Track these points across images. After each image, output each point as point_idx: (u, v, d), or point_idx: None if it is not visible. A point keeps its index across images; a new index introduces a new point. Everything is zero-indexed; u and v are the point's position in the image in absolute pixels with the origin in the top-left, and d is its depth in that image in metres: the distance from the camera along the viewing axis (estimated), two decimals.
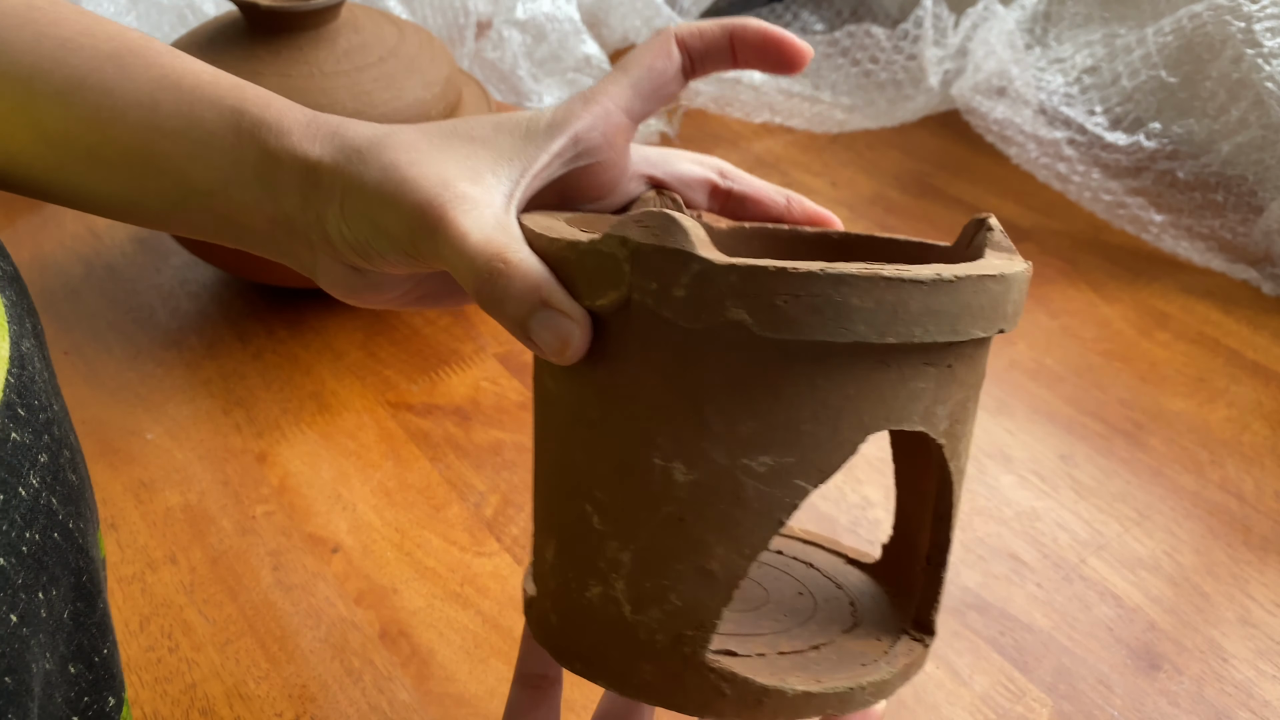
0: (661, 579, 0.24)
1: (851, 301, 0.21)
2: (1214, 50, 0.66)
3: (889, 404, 0.23)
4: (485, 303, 0.25)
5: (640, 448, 0.24)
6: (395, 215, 0.26)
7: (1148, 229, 0.66)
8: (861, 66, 0.82)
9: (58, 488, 0.24)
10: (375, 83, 0.56)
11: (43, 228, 0.71)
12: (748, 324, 0.21)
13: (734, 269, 0.21)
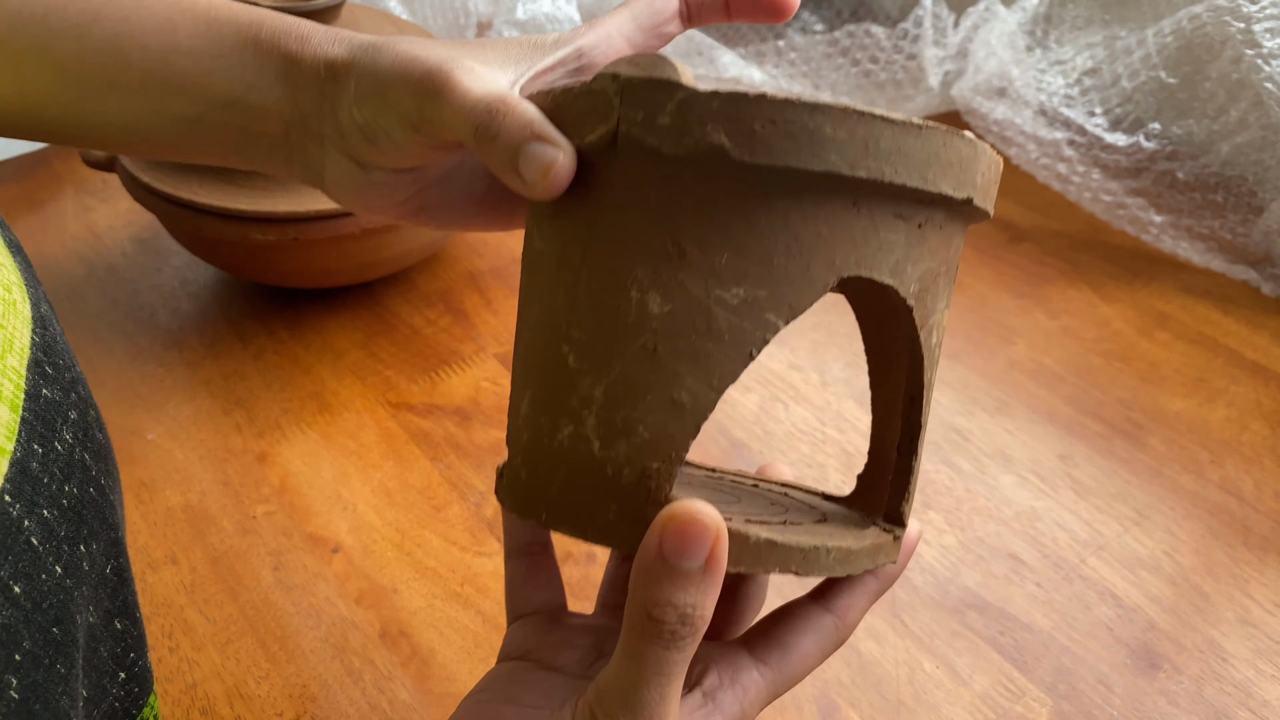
0: (632, 410, 0.25)
1: (825, 130, 0.22)
2: (1213, 51, 0.66)
3: (860, 249, 0.24)
4: (480, 143, 0.26)
5: (619, 281, 0.24)
6: (404, 86, 0.27)
7: (1147, 229, 0.66)
8: (861, 66, 0.82)
9: (88, 444, 0.25)
10: None
11: (43, 228, 0.71)
12: (727, 148, 0.22)
13: (716, 95, 0.22)
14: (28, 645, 0.21)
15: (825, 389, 0.57)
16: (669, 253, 0.24)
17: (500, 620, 0.44)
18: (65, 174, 0.77)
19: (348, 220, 0.55)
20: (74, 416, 0.24)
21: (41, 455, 0.22)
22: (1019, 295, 0.64)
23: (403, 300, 0.64)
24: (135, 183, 0.57)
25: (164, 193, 0.55)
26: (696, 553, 0.22)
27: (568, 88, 0.25)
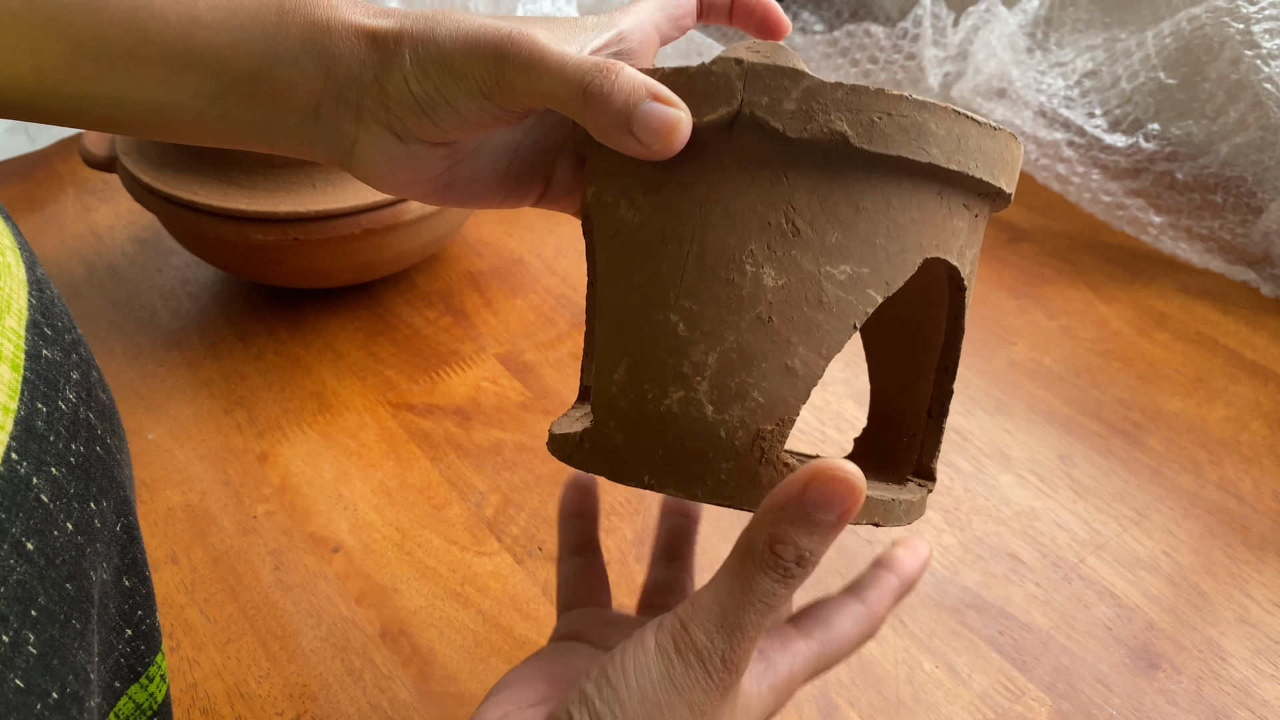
0: (746, 376, 0.26)
1: (930, 125, 0.25)
2: (1212, 52, 0.66)
3: (939, 234, 0.27)
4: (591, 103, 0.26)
5: (732, 256, 0.26)
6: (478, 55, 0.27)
7: (1147, 230, 0.66)
8: (861, 67, 0.82)
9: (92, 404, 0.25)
10: None
11: (44, 228, 0.71)
12: (847, 135, 0.24)
13: (840, 86, 0.24)
14: (43, 601, 0.21)
15: (825, 389, 0.57)
16: (784, 230, 0.26)
17: (500, 620, 0.45)
18: (66, 174, 0.77)
19: (348, 220, 0.55)
20: (76, 377, 0.24)
21: (46, 414, 0.23)
22: (1018, 295, 0.64)
23: (403, 300, 0.64)
24: (136, 183, 0.57)
25: (164, 193, 0.55)
26: (836, 507, 0.23)
27: (680, 68, 0.26)
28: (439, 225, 0.60)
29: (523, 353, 0.60)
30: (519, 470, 0.52)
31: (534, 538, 0.48)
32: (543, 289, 0.65)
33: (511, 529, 0.49)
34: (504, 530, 0.49)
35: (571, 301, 0.64)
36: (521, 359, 0.59)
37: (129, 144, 0.59)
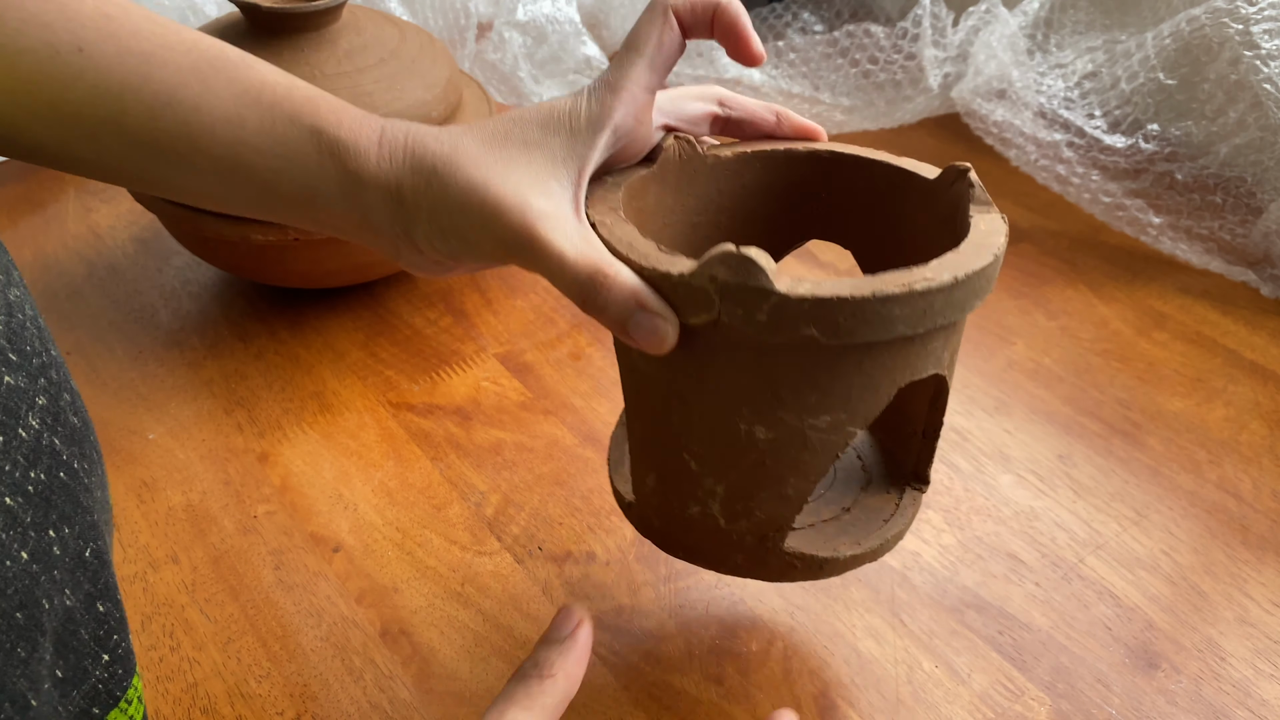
0: (749, 502, 0.32)
1: (894, 312, 0.27)
2: (1212, 53, 0.66)
3: (915, 365, 0.30)
4: (587, 307, 0.30)
5: (728, 417, 0.31)
6: (488, 237, 0.31)
7: (1146, 231, 0.66)
8: (861, 67, 0.82)
9: (59, 429, 0.25)
10: (376, 84, 0.56)
11: (44, 228, 0.71)
12: (816, 337, 0.28)
13: (805, 300, 0.27)
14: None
15: None
16: (768, 398, 0.30)
17: (501, 619, 0.45)
18: (67, 174, 0.77)
19: None
20: (42, 402, 0.24)
21: (2, 444, 0.23)
22: (1017, 295, 0.64)
23: (404, 300, 0.64)
24: None
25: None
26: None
27: (666, 274, 0.29)
28: None
29: (523, 353, 0.60)
30: (519, 470, 0.52)
31: (534, 537, 0.48)
32: (543, 289, 0.65)
33: (512, 529, 0.49)
34: (504, 530, 0.49)
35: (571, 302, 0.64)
36: (522, 359, 0.59)
37: None
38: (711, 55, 0.82)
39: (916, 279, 0.27)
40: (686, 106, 0.36)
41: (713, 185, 0.37)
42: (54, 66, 0.30)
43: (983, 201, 0.33)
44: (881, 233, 0.38)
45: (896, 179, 0.36)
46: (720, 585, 0.46)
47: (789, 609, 0.45)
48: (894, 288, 0.27)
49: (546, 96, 0.76)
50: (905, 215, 0.36)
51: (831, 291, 0.27)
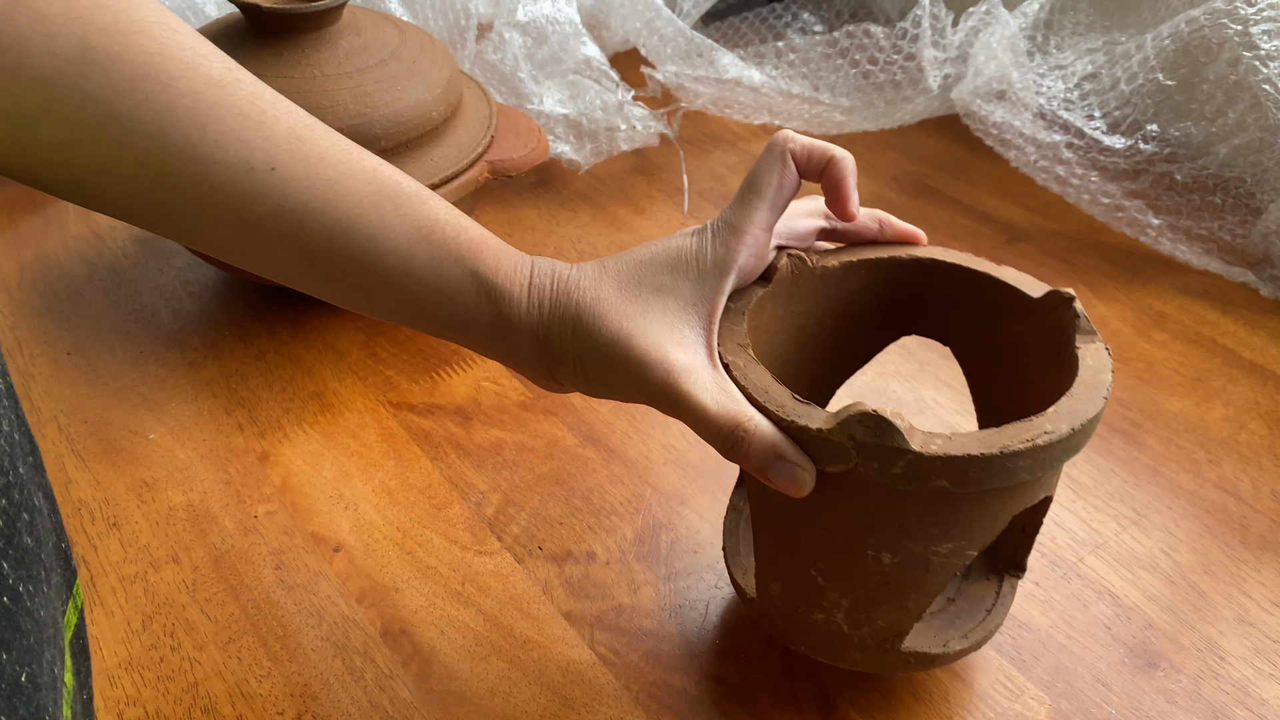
0: (872, 612, 0.35)
1: (1019, 464, 0.30)
2: (1211, 53, 0.66)
3: (1030, 496, 0.33)
4: (729, 455, 0.33)
5: (856, 544, 0.33)
6: (632, 388, 0.34)
7: (1146, 232, 0.66)
8: (860, 68, 0.82)
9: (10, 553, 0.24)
10: (376, 85, 0.56)
11: (45, 229, 0.71)
12: (946, 488, 0.30)
13: (938, 458, 0.29)
14: None
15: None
16: (895, 531, 0.32)
17: (501, 619, 0.45)
18: None
19: None
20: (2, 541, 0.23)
21: None
22: None
23: None
24: None
25: None
26: None
27: (804, 428, 0.31)
28: None
29: None
30: (519, 470, 0.52)
31: (534, 537, 0.48)
32: None
33: (512, 528, 0.49)
34: (504, 530, 0.49)
35: None
36: None
37: None
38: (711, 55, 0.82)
39: (1039, 433, 0.30)
40: (797, 225, 0.39)
41: (820, 293, 0.39)
42: (246, 181, 0.31)
43: (1087, 331, 0.35)
44: (981, 337, 0.40)
45: (998, 291, 0.38)
46: (720, 585, 0.46)
47: None
48: (1019, 444, 0.30)
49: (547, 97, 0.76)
50: (1005, 325, 0.38)
51: (962, 450, 0.29)
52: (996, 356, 0.40)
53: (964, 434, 0.30)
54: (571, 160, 0.73)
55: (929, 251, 0.39)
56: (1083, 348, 0.34)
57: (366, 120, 0.55)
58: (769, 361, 0.40)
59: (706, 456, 0.53)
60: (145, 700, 0.42)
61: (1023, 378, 0.38)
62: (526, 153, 0.63)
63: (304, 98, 0.54)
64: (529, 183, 0.76)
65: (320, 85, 0.55)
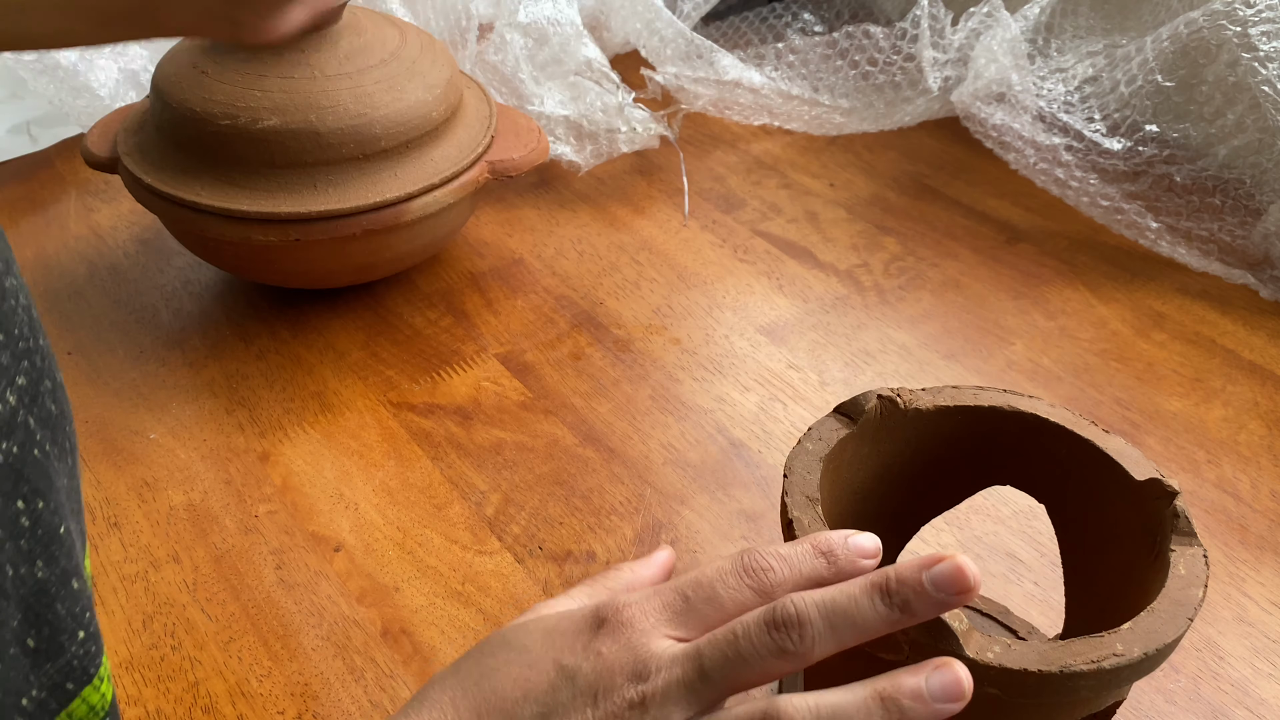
0: None
1: (1080, 684, 0.28)
2: (1210, 55, 0.66)
3: (1096, 703, 0.31)
4: None
5: None
6: None
7: (1145, 234, 0.67)
8: (860, 69, 0.82)
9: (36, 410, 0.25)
10: (377, 85, 0.56)
11: (46, 229, 0.71)
12: (998, 695, 0.28)
13: (992, 668, 0.28)
14: None
15: (824, 389, 0.57)
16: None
17: (501, 619, 0.45)
18: (68, 174, 0.77)
19: (349, 221, 0.55)
20: (22, 382, 0.25)
21: None
22: (1016, 296, 0.64)
23: (404, 301, 0.64)
24: (138, 184, 0.57)
25: (166, 193, 0.55)
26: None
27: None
28: (440, 226, 0.60)
29: (523, 353, 0.60)
30: (519, 470, 0.52)
31: (534, 537, 0.49)
32: (543, 289, 0.65)
33: (512, 528, 0.49)
34: (505, 529, 0.49)
35: (571, 302, 0.64)
36: (522, 359, 0.59)
37: (131, 144, 0.59)
38: (711, 56, 0.82)
39: (1107, 655, 0.28)
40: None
41: (910, 434, 0.37)
42: None
43: (1186, 532, 0.32)
44: (1076, 503, 0.38)
45: (1099, 461, 0.36)
46: None
47: None
48: (1082, 665, 0.28)
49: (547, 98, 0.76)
50: (1102, 499, 0.36)
51: (1019, 663, 0.28)
52: (1092, 527, 0.37)
53: (1025, 645, 0.28)
54: (572, 162, 0.73)
55: (1032, 406, 0.37)
56: (1178, 550, 0.32)
57: (367, 120, 0.55)
58: (847, 497, 0.37)
59: (706, 456, 0.53)
60: (146, 700, 0.42)
61: (1114, 559, 0.36)
62: (526, 153, 0.62)
63: (304, 98, 0.54)
64: (529, 183, 0.76)
65: (321, 85, 0.55)
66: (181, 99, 0.55)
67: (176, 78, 0.56)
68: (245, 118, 0.53)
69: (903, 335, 0.61)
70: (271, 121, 0.53)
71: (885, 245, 0.69)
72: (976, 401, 0.37)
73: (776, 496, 0.50)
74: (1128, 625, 0.29)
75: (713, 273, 0.67)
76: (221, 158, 0.55)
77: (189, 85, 0.55)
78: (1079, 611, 0.39)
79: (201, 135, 0.55)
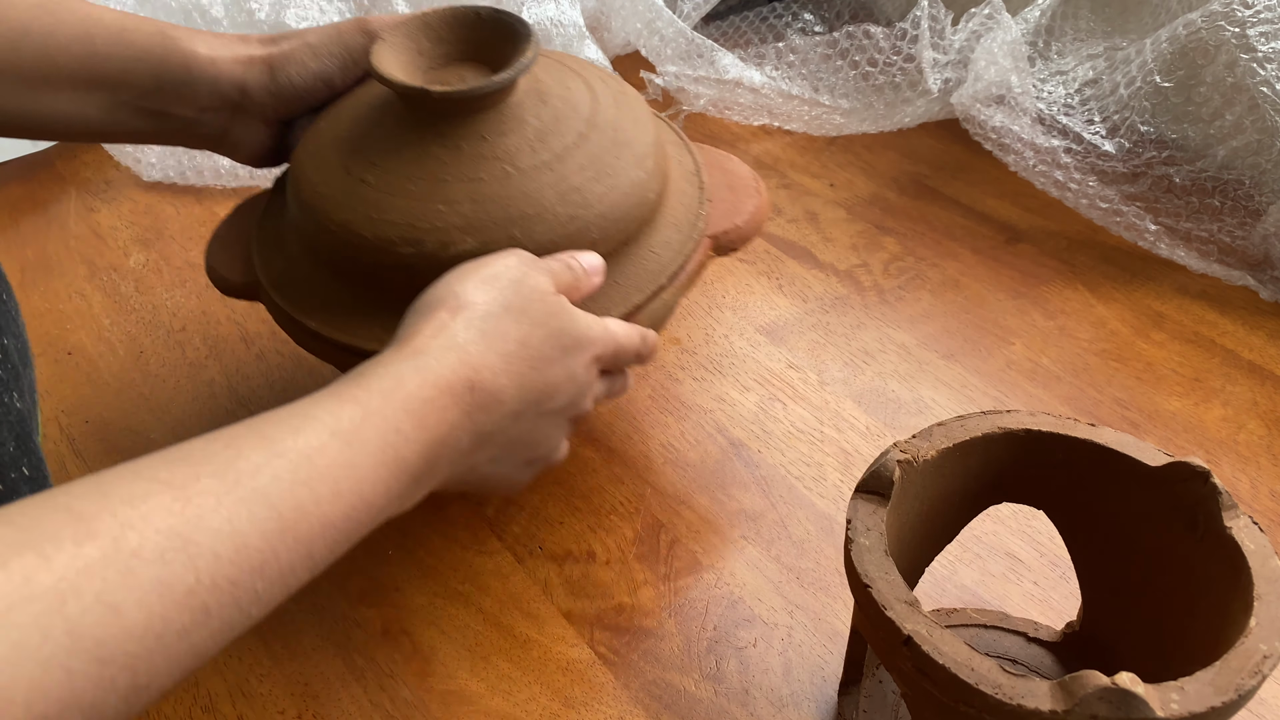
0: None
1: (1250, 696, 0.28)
2: (1209, 56, 0.66)
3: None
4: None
5: None
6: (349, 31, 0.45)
7: (1144, 236, 0.67)
8: (860, 69, 0.82)
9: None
10: (583, 173, 0.42)
11: (46, 229, 0.71)
12: None
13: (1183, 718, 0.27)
14: None
15: (823, 388, 0.57)
16: None
17: (501, 618, 0.45)
18: (68, 175, 0.77)
19: None
20: None
21: None
22: (1016, 295, 0.64)
23: None
24: (299, 327, 0.43)
25: (345, 344, 0.41)
26: None
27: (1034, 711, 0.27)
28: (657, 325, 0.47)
29: None
30: None
31: (534, 536, 0.49)
32: None
33: (512, 528, 0.49)
34: (505, 529, 0.49)
35: None
36: None
37: (275, 271, 0.45)
38: (712, 56, 0.82)
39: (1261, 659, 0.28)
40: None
41: (918, 487, 0.37)
42: None
43: (1229, 506, 0.32)
44: (1086, 505, 0.38)
45: (1097, 455, 0.36)
46: (719, 585, 0.46)
47: (789, 608, 0.45)
48: (1251, 680, 0.28)
49: None
50: (1107, 488, 0.36)
51: (1205, 704, 0.27)
52: (1104, 520, 0.37)
53: (1192, 681, 0.28)
54: None
55: (1020, 421, 0.37)
56: (1233, 526, 0.32)
57: (581, 224, 0.41)
58: None
59: (706, 456, 0.53)
60: None
61: (1141, 545, 0.36)
62: (750, 215, 0.47)
63: (501, 206, 0.40)
64: None
65: (518, 186, 0.41)
66: (344, 220, 0.41)
67: (329, 190, 0.42)
68: (432, 242, 0.40)
69: (902, 335, 0.61)
70: (467, 244, 0.40)
71: (885, 245, 0.69)
72: (967, 434, 0.36)
73: (776, 496, 0.50)
74: (1253, 624, 0.29)
75: (713, 272, 0.67)
76: (403, 293, 0.38)
77: (350, 202, 0.41)
78: (1105, 600, 0.39)
79: (376, 267, 0.41)
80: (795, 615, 0.45)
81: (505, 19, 0.43)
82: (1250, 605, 0.30)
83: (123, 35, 0.40)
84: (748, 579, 0.46)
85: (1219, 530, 0.32)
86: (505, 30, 0.43)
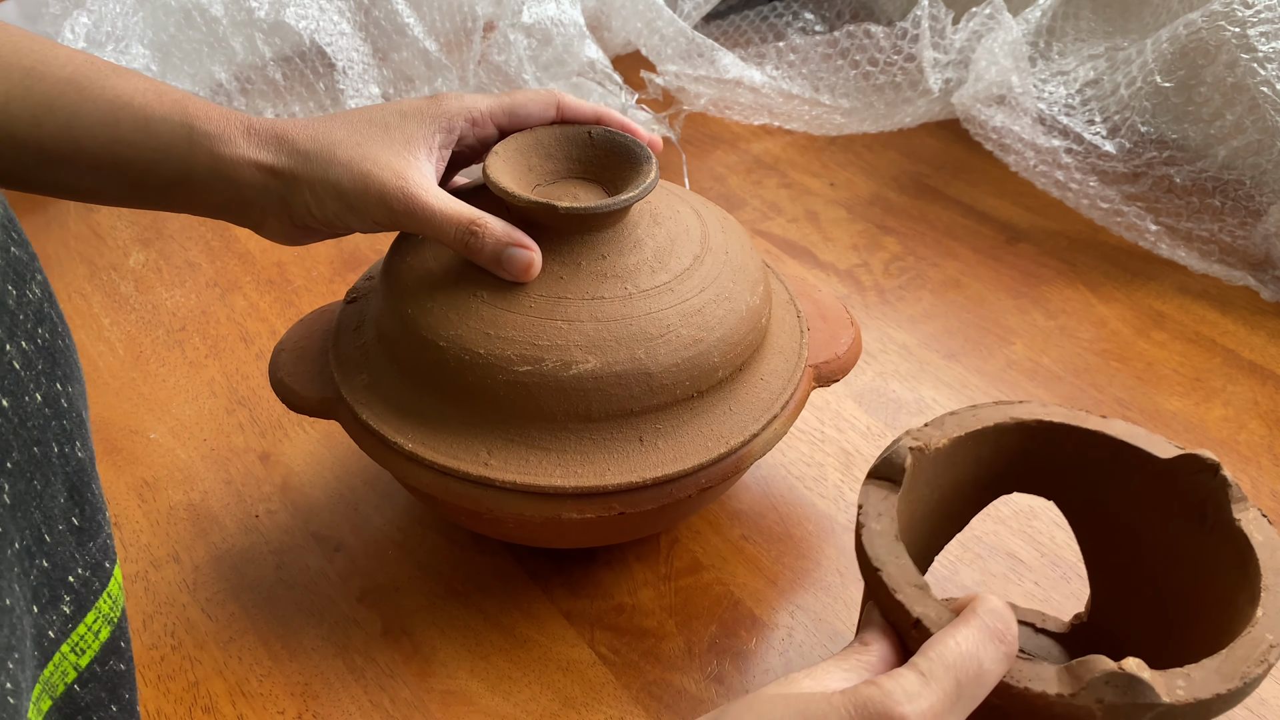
0: None
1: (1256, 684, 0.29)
2: (1209, 56, 0.66)
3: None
4: (468, 252, 0.39)
5: None
6: (370, 204, 0.39)
7: (1145, 236, 0.67)
8: (861, 69, 0.82)
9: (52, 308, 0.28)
10: (703, 295, 0.41)
11: (46, 229, 0.71)
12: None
13: (1188, 705, 0.28)
14: (16, 457, 0.24)
15: (824, 389, 0.57)
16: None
17: (501, 619, 0.45)
18: None
19: (686, 483, 0.41)
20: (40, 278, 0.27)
21: (16, 296, 0.25)
22: (1017, 295, 0.64)
23: None
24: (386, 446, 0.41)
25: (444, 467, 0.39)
26: None
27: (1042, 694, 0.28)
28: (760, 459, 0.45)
29: None
30: None
31: None
32: None
33: None
34: None
35: None
36: None
37: (358, 386, 0.42)
38: (712, 55, 0.82)
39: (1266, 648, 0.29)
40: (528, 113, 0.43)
41: (930, 475, 0.37)
42: None
43: (1239, 499, 0.33)
44: (1095, 496, 0.38)
45: (1108, 447, 0.36)
46: (719, 585, 0.46)
47: (789, 609, 0.45)
48: (1257, 668, 0.28)
49: None
50: (1125, 484, 0.36)
51: (1210, 691, 0.28)
52: (1117, 515, 0.37)
53: (1198, 669, 0.28)
54: None
55: (1032, 412, 0.37)
56: (1241, 518, 0.32)
57: (705, 347, 0.40)
58: None
59: None
60: (146, 699, 0.42)
61: (1151, 537, 0.36)
62: (849, 346, 0.47)
63: (624, 327, 0.39)
64: None
65: (641, 306, 0.40)
66: (453, 337, 0.39)
67: (438, 305, 0.40)
68: (553, 361, 0.38)
69: (903, 335, 0.61)
70: (589, 365, 0.39)
71: (885, 245, 0.69)
72: (979, 423, 0.37)
73: (776, 495, 0.50)
74: (1260, 613, 0.30)
75: None
76: (513, 412, 0.39)
77: (463, 318, 0.40)
78: (1113, 591, 0.39)
79: (485, 385, 0.39)
80: (796, 615, 0.45)
81: (622, 140, 0.43)
82: (1257, 596, 0.30)
83: (149, 125, 0.37)
84: (748, 579, 0.46)
85: (1228, 522, 0.33)
86: (621, 151, 0.43)
